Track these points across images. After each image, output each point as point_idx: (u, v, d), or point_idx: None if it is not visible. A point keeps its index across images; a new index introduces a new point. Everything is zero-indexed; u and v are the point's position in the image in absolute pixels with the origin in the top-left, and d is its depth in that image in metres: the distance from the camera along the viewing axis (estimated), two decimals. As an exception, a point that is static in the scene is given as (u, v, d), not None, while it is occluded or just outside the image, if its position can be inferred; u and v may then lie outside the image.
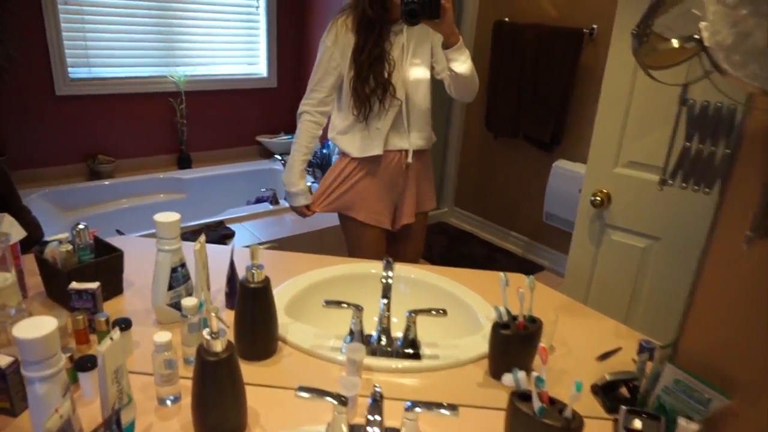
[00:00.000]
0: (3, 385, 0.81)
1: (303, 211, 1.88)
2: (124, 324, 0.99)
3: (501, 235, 3.67)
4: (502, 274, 1.03)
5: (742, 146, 0.81)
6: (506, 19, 3.27)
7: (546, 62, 3.08)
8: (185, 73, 3.38)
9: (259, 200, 2.99)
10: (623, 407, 0.88)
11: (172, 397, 0.89)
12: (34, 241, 1.39)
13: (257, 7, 3.64)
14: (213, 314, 0.77)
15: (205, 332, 0.77)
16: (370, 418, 0.67)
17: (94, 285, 1.03)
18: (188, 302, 0.96)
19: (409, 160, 1.77)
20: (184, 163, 3.46)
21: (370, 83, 1.66)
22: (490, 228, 3.74)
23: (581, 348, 1.14)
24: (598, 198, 1.71)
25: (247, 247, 1.06)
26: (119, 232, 2.17)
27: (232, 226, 2.61)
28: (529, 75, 3.17)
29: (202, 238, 1.07)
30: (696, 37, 0.68)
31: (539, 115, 3.19)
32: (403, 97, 1.70)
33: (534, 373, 0.77)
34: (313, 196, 1.89)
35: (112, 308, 1.14)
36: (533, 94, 3.18)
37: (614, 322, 1.26)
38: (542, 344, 0.80)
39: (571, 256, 1.88)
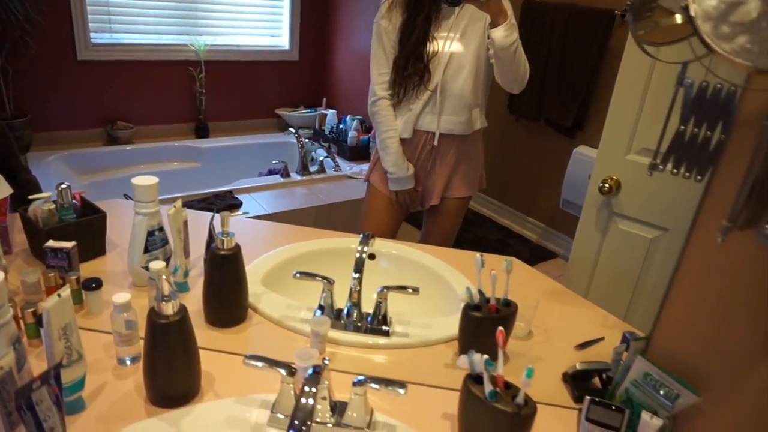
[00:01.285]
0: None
1: (407, 197, 1.79)
2: (95, 284, 0.99)
3: (518, 221, 3.60)
4: (478, 255, 0.99)
5: (734, 131, 0.75)
6: (536, -2, 3.16)
7: (574, 44, 2.96)
8: (206, 43, 3.38)
9: (270, 172, 2.99)
10: (587, 397, 0.84)
11: (130, 357, 0.89)
12: (32, 201, 1.41)
13: (281, -22, 3.61)
14: (164, 277, 0.76)
15: (156, 295, 0.77)
16: (306, 389, 0.65)
17: (69, 244, 1.03)
18: (155, 265, 0.95)
19: (435, 142, 1.72)
20: (202, 132, 3.49)
21: (408, 68, 1.63)
22: (508, 213, 3.67)
23: (562, 336, 1.10)
24: (607, 185, 1.64)
25: (238, 214, 1.05)
26: (126, 196, 2.20)
27: (241, 197, 2.61)
28: (556, 57, 3.06)
29: (178, 203, 1.07)
30: (683, 5, 0.62)
31: (563, 99, 3.08)
32: (437, 82, 1.65)
33: (485, 356, 0.74)
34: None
35: (92, 268, 1.16)
36: (558, 77, 3.07)
37: (603, 312, 1.21)
38: (500, 328, 0.77)
39: (575, 243, 1.83)
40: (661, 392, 0.81)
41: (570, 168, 3.11)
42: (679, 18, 0.79)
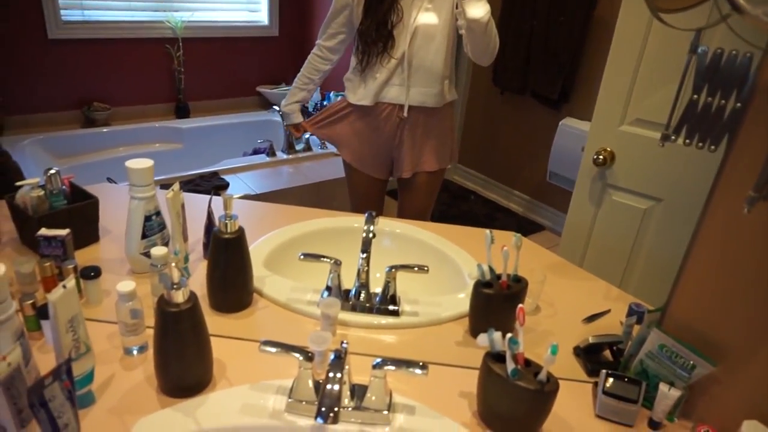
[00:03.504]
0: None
1: (292, 130, 2.00)
2: (93, 272, 0.95)
3: (503, 194, 3.61)
4: (488, 231, 0.98)
5: (755, 99, 0.74)
6: (519, -32, 3.11)
7: (558, 15, 2.93)
8: (183, 19, 3.27)
9: (255, 152, 2.94)
10: (603, 371, 0.84)
11: (137, 347, 0.86)
12: (13, 186, 1.35)
13: (258, -50, 3.49)
14: (173, 264, 0.73)
15: (166, 282, 0.74)
16: (331, 375, 0.64)
17: (63, 232, 0.99)
18: (158, 251, 0.92)
19: (404, 114, 1.70)
20: (182, 112, 3.40)
21: (372, 35, 1.60)
22: (493, 186, 3.67)
23: (569, 309, 1.10)
24: (602, 156, 1.64)
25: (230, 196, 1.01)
26: (110, 180, 2.13)
27: (227, 177, 2.56)
28: (541, 29, 3.03)
29: (176, 186, 1.03)
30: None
31: (549, 70, 3.06)
32: (404, 51, 1.61)
33: (508, 335, 0.74)
34: (311, 117, 1.94)
35: (86, 256, 1.11)
36: (543, 49, 3.05)
37: (606, 284, 1.22)
38: (521, 305, 0.76)
39: (569, 215, 1.83)
40: (677, 363, 0.81)
41: (557, 140, 3.11)
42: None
